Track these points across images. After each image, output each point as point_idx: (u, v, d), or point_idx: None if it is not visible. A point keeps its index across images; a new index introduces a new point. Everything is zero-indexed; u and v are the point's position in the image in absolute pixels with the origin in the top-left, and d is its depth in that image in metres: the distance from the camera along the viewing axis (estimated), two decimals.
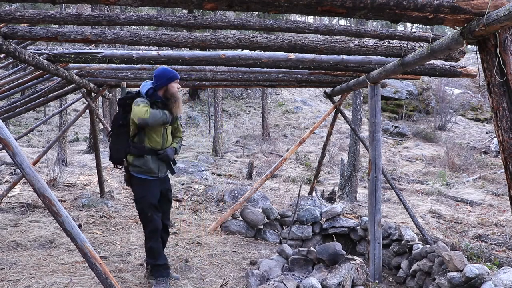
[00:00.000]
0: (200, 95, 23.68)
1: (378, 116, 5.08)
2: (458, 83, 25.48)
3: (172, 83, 3.82)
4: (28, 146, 14.89)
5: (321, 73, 5.67)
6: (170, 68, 4.04)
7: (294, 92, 25.58)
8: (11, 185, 6.36)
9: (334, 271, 4.00)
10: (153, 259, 3.81)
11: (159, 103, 3.77)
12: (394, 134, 20.14)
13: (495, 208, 10.23)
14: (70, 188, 8.31)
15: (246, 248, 5.42)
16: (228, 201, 7.73)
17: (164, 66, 4.03)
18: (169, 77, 3.80)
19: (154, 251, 3.79)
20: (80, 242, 3.03)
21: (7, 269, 4.02)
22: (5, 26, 3.38)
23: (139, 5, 2.62)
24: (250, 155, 15.81)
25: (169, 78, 3.79)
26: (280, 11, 2.76)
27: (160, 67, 3.98)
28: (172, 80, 3.81)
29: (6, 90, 5.28)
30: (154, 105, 3.73)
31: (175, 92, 3.82)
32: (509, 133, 2.71)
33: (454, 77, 5.14)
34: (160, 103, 3.78)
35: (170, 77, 3.80)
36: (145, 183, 3.77)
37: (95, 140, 7.36)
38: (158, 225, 3.80)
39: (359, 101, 10.87)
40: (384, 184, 10.47)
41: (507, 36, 2.71)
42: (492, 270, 4.38)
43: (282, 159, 6.94)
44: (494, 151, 17.72)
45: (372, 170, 5.07)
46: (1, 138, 2.95)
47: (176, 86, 3.84)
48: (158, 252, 3.82)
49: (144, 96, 3.76)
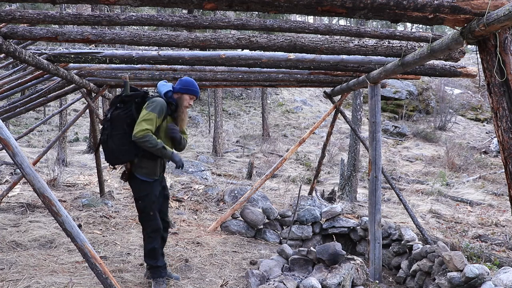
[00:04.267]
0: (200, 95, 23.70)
1: (378, 116, 5.08)
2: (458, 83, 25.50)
3: (188, 95, 3.75)
4: (28, 146, 14.90)
5: (321, 73, 5.67)
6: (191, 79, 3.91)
7: (294, 92, 25.59)
8: (11, 185, 6.35)
9: (334, 271, 4.00)
10: (153, 260, 3.78)
11: (172, 106, 3.72)
12: (394, 134, 20.15)
13: (495, 208, 10.23)
14: (70, 188, 8.31)
15: (246, 248, 5.42)
16: (228, 201, 7.73)
17: (193, 80, 3.88)
18: (191, 89, 3.76)
19: (156, 252, 3.76)
20: (80, 242, 3.03)
21: (7, 269, 4.02)
22: (5, 26, 3.38)
23: (139, 5, 2.62)
24: (250, 155, 15.82)
25: (189, 90, 3.75)
26: (280, 11, 2.76)
27: (189, 78, 3.88)
28: (190, 93, 3.76)
29: (6, 90, 5.27)
30: (168, 107, 3.68)
31: (185, 105, 3.75)
32: (509, 133, 2.71)
33: (454, 77, 5.14)
34: (173, 106, 3.72)
35: (192, 90, 3.76)
36: (148, 183, 3.73)
37: (95, 140, 7.36)
38: (160, 224, 3.78)
39: (359, 101, 10.88)
40: (384, 184, 10.48)
41: (507, 36, 2.71)
42: (492, 270, 4.39)
43: (282, 159, 6.94)
44: (494, 151, 17.73)
45: (372, 170, 5.07)
46: (1, 138, 2.95)
47: (189, 101, 3.75)
48: (159, 253, 3.81)
49: (163, 96, 3.71)
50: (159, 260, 3.79)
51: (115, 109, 3.65)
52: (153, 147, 3.51)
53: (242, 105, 23.87)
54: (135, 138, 3.47)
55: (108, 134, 3.61)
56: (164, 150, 3.58)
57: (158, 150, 3.55)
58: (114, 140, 3.59)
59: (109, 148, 3.63)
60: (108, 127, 3.62)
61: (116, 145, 3.58)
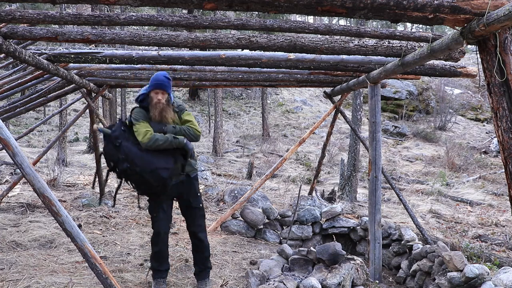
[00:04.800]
0: (200, 95, 23.68)
1: (378, 116, 5.08)
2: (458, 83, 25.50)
3: (152, 91, 3.53)
4: (28, 146, 14.90)
5: (321, 73, 5.67)
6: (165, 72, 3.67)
7: (294, 92, 25.58)
8: (11, 185, 6.35)
9: (334, 271, 4.00)
10: (156, 264, 3.76)
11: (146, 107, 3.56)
12: (394, 134, 20.15)
13: (495, 208, 10.23)
14: (70, 188, 8.31)
15: (246, 248, 5.42)
16: (228, 201, 7.73)
17: (160, 72, 3.65)
18: (152, 83, 3.54)
19: (157, 256, 3.74)
20: (80, 242, 3.03)
21: (7, 269, 4.02)
22: (5, 26, 3.37)
23: (139, 5, 2.62)
24: (250, 155, 15.82)
25: (151, 85, 3.55)
26: (280, 11, 2.76)
27: (157, 73, 3.65)
28: (152, 88, 3.53)
29: (6, 90, 5.27)
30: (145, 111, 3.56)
31: (155, 102, 3.51)
32: (509, 133, 2.71)
33: (454, 77, 5.14)
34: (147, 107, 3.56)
35: (153, 84, 3.53)
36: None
37: (95, 140, 7.35)
38: (161, 228, 3.67)
39: (359, 101, 10.87)
40: (384, 184, 10.48)
41: (507, 36, 2.71)
42: (492, 270, 4.38)
43: (282, 159, 6.94)
44: (494, 151, 17.73)
45: (372, 170, 5.07)
46: (1, 138, 2.95)
47: (156, 97, 3.51)
48: (161, 256, 3.76)
49: (137, 103, 3.59)
50: (161, 264, 3.76)
51: (118, 145, 3.42)
52: (165, 143, 3.42)
53: (242, 105, 23.87)
54: (145, 145, 3.39)
55: (130, 164, 3.36)
56: (176, 140, 3.49)
57: (172, 143, 3.45)
58: (140, 162, 3.37)
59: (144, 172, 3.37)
60: (125, 160, 3.37)
61: (147, 162, 3.37)
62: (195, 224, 3.82)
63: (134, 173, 3.39)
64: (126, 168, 3.37)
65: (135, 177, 3.43)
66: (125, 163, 3.37)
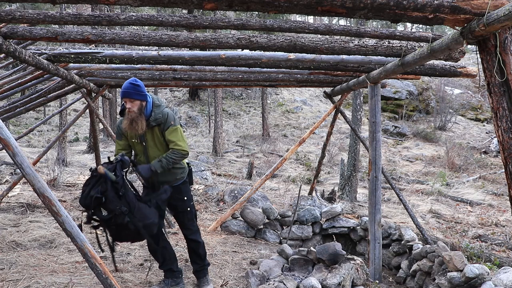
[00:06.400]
0: (200, 95, 23.67)
1: (378, 116, 5.08)
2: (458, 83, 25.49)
3: (123, 100, 3.42)
4: (28, 146, 14.90)
5: (321, 73, 5.67)
6: (133, 78, 3.48)
7: (294, 92, 25.57)
8: (11, 185, 6.35)
9: (334, 271, 4.00)
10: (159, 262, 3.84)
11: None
12: (394, 134, 20.15)
13: (495, 208, 10.23)
14: (70, 188, 8.31)
15: (246, 248, 5.42)
16: (228, 201, 7.73)
17: (129, 79, 3.43)
18: (121, 92, 3.40)
19: (154, 254, 3.80)
20: (80, 242, 3.04)
21: (7, 269, 4.02)
22: (5, 26, 3.37)
23: (139, 5, 2.62)
24: (250, 155, 15.82)
25: (121, 94, 3.42)
26: (280, 11, 2.76)
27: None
28: (121, 97, 3.40)
29: (6, 90, 5.27)
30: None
31: (126, 111, 3.39)
32: (509, 133, 2.71)
33: (454, 77, 5.14)
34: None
35: (121, 93, 3.39)
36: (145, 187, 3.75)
37: (95, 140, 7.35)
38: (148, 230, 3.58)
39: (359, 101, 10.87)
40: (384, 184, 10.48)
41: (507, 36, 2.71)
42: (492, 270, 4.38)
43: (282, 159, 6.94)
44: (494, 151, 17.72)
45: (372, 170, 5.07)
46: (1, 138, 2.95)
47: (126, 106, 3.38)
48: (155, 255, 3.80)
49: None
50: (163, 264, 3.80)
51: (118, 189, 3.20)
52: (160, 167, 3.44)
53: (242, 105, 23.86)
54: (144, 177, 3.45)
55: (130, 218, 3.16)
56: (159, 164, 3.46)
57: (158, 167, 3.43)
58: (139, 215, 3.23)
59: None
60: (128, 213, 3.16)
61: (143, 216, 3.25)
62: (185, 227, 3.83)
63: (127, 226, 3.15)
64: (126, 222, 3.12)
65: (125, 229, 3.18)
66: (126, 216, 3.13)
